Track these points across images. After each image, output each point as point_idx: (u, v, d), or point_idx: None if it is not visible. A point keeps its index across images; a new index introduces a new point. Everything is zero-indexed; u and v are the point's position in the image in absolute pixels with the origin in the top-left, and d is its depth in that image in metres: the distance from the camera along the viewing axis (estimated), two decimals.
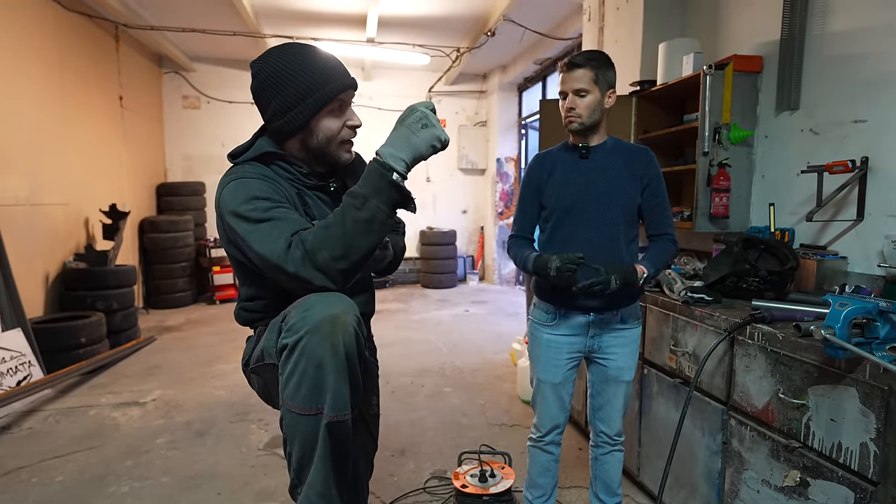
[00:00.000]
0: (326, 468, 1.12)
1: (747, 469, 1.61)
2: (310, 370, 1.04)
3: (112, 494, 2.27)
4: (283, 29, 5.97)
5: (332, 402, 1.06)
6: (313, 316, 1.05)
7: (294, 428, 1.11)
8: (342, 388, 1.06)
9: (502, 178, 7.74)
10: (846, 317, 1.20)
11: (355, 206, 1.11)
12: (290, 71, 1.22)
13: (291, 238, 1.11)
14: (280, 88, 1.23)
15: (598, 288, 1.53)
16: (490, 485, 1.98)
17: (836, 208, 2.04)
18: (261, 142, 1.31)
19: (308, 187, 1.32)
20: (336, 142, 1.31)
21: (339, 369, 1.05)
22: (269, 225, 1.13)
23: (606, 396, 1.79)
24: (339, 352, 1.04)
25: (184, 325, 5.42)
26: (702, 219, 2.40)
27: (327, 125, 1.28)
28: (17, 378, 3.22)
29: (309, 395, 1.06)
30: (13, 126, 3.88)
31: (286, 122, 1.25)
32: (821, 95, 2.12)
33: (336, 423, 1.08)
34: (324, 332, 1.04)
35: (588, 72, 1.63)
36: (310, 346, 1.03)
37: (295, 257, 1.09)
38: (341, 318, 1.06)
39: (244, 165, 1.26)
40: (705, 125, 2.33)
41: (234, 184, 1.20)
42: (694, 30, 2.92)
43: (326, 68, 1.25)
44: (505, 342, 4.66)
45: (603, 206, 1.68)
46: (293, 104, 1.23)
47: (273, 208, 1.16)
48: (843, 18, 2.03)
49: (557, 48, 5.80)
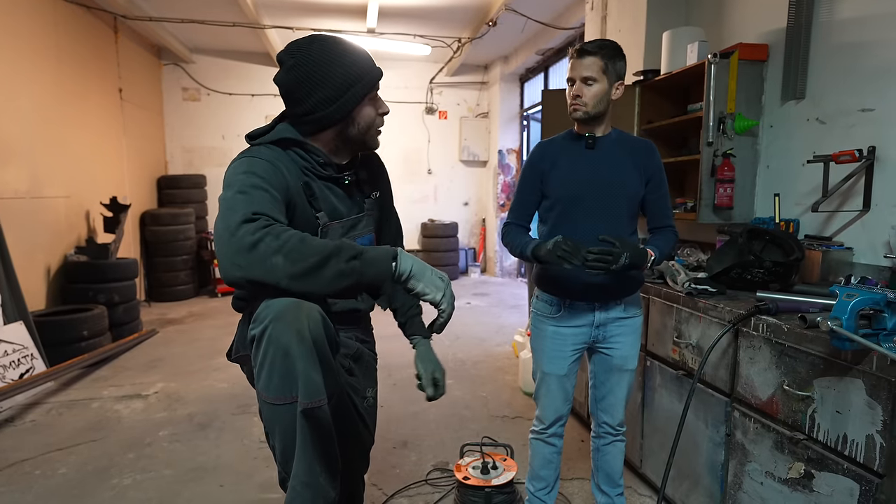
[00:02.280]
0: (309, 457, 1.09)
1: (751, 461, 1.60)
2: (278, 359, 1.02)
3: (115, 487, 2.28)
4: (283, 20, 5.92)
5: (305, 389, 1.04)
6: (276, 304, 1.03)
7: (272, 419, 1.10)
8: (312, 374, 1.04)
9: (504, 169, 7.71)
10: (853, 308, 1.19)
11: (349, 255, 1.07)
12: (330, 63, 1.23)
13: (254, 216, 1.05)
14: (323, 81, 1.22)
15: (609, 258, 1.49)
16: (492, 477, 1.98)
17: (842, 199, 2.01)
18: (281, 127, 1.29)
19: (320, 177, 1.30)
20: (373, 130, 1.33)
21: (306, 355, 1.02)
22: (241, 198, 1.10)
23: (609, 386, 1.79)
24: (305, 337, 1.02)
25: (186, 318, 5.43)
26: (706, 210, 2.38)
27: (368, 113, 1.30)
28: (20, 371, 3.23)
29: (281, 384, 1.04)
30: (13, 119, 3.86)
31: (332, 112, 1.25)
32: (827, 84, 2.09)
33: (312, 410, 1.05)
34: (288, 318, 1.01)
35: (598, 60, 1.60)
36: (275, 335, 1.01)
37: (243, 234, 1.03)
38: (305, 304, 1.04)
39: (260, 147, 1.25)
40: (710, 115, 2.30)
41: (242, 159, 1.20)
42: (698, 18, 2.89)
43: (364, 58, 1.28)
44: (507, 334, 4.66)
45: (608, 198, 1.67)
46: (339, 94, 1.24)
47: (258, 188, 1.12)
48: (850, 6, 2.00)
49: (560, 38, 5.75)
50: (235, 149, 7.31)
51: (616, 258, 1.50)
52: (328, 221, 1.29)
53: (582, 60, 1.62)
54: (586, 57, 1.61)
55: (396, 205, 1.67)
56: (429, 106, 7.91)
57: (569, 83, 1.67)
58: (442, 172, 8.15)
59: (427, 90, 7.86)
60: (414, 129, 7.92)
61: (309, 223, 1.26)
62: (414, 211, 7.93)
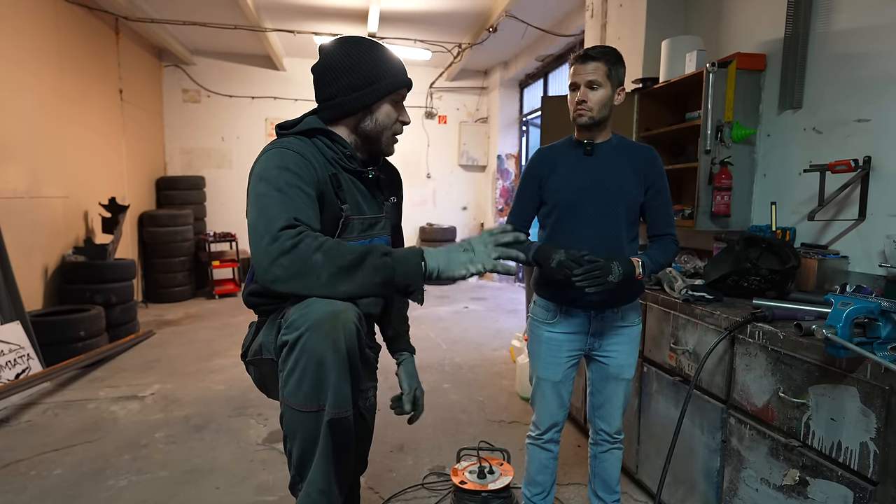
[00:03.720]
0: (328, 465, 1.11)
1: (746, 467, 1.61)
2: (311, 367, 1.03)
3: (110, 488, 2.27)
4: (284, 23, 5.94)
5: (334, 400, 1.05)
6: (314, 312, 1.04)
7: (295, 425, 1.10)
8: (344, 385, 1.05)
9: (503, 174, 7.73)
10: (848, 316, 1.20)
11: (381, 252, 1.10)
12: (364, 55, 1.29)
13: (295, 222, 1.09)
14: (353, 68, 1.28)
15: (598, 273, 1.49)
16: (489, 481, 1.98)
17: (838, 208, 2.03)
18: (309, 119, 1.33)
19: (346, 169, 1.33)
20: (389, 132, 1.37)
21: (340, 366, 1.04)
22: (280, 197, 1.12)
23: (606, 394, 1.79)
24: (340, 349, 1.03)
25: (183, 320, 5.41)
26: (703, 217, 2.40)
27: (387, 112, 1.34)
28: (16, 371, 3.22)
29: (310, 392, 1.05)
30: (12, 119, 3.86)
31: (351, 100, 1.29)
32: (824, 94, 2.11)
33: (338, 420, 1.07)
34: (325, 328, 1.02)
35: (602, 65, 1.61)
36: (311, 344, 1.02)
37: (284, 239, 1.06)
38: (342, 315, 1.04)
39: (290, 138, 1.27)
40: (707, 123, 2.32)
41: (273, 151, 1.21)
42: (697, 27, 2.91)
43: (396, 62, 1.34)
44: (504, 339, 4.66)
45: (606, 204, 1.67)
46: (363, 85, 1.28)
47: (295, 187, 1.15)
48: (847, 17, 2.02)
49: (559, 45, 5.79)
50: (235, 151, 7.33)
51: (606, 272, 1.50)
52: (350, 214, 1.30)
53: (586, 65, 1.63)
54: (590, 62, 1.62)
55: None
56: (428, 110, 7.93)
57: (572, 89, 1.67)
58: (441, 177, 8.16)
59: (427, 95, 7.89)
60: (413, 133, 7.93)
61: (334, 214, 1.28)
62: (412, 215, 7.93)
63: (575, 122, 1.69)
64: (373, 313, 1.41)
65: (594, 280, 1.50)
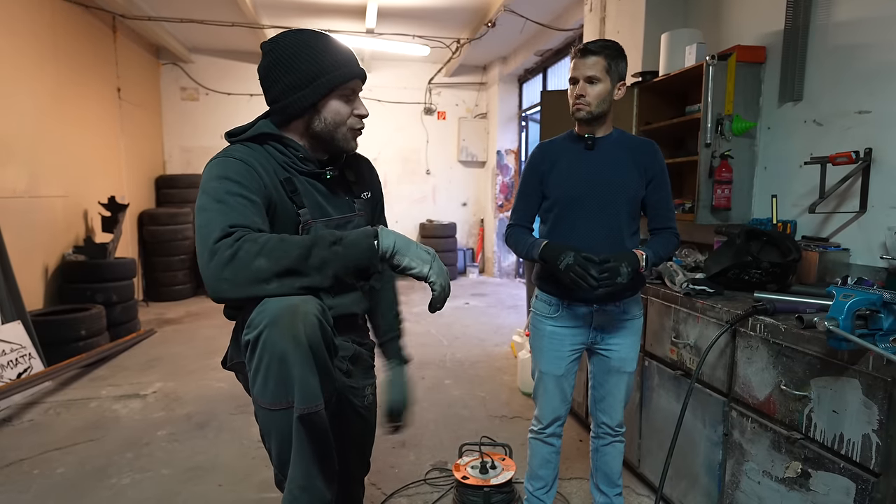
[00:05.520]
0: (305, 461, 1.09)
1: (748, 460, 1.61)
2: (273, 364, 1.01)
3: (113, 486, 2.27)
4: (282, 20, 5.93)
5: (301, 395, 1.02)
6: (271, 308, 1.01)
7: (269, 424, 1.09)
8: (309, 379, 1.02)
9: (502, 170, 7.72)
10: (850, 308, 1.20)
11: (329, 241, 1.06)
12: (303, 51, 1.22)
13: (230, 229, 1.05)
14: (292, 67, 1.21)
15: (607, 276, 1.51)
16: (491, 476, 1.99)
17: (839, 200, 2.03)
18: (261, 124, 1.28)
19: (302, 172, 1.28)
20: (344, 128, 1.30)
21: (303, 360, 1.01)
22: (218, 208, 1.08)
23: (608, 388, 1.79)
24: (301, 342, 1.00)
25: (183, 318, 5.42)
26: (704, 211, 2.39)
27: (336, 108, 1.27)
28: (18, 370, 3.22)
29: (276, 389, 1.02)
30: (10, 118, 3.85)
31: (294, 101, 1.23)
32: (824, 86, 2.10)
33: (308, 415, 1.04)
34: (283, 323, 0.99)
35: (602, 60, 1.61)
36: (271, 340, 1.00)
37: (222, 250, 1.02)
38: (301, 308, 1.01)
39: (236, 145, 1.23)
40: (708, 116, 2.31)
41: (216, 161, 1.18)
42: (696, 20, 2.90)
43: (340, 53, 1.25)
44: (505, 334, 4.67)
45: (607, 198, 1.67)
46: (303, 83, 1.22)
47: (235, 195, 1.11)
48: (847, 8, 2.01)
49: (558, 39, 5.76)
50: None
51: (615, 272, 1.51)
52: (310, 219, 1.25)
53: (585, 60, 1.62)
54: (590, 56, 1.61)
55: (395, 205, 1.67)
56: (427, 106, 7.91)
57: (571, 83, 1.66)
58: (440, 173, 8.15)
59: (426, 91, 7.87)
60: (412, 129, 7.92)
61: (290, 220, 1.23)
62: (412, 211, 7.92)
63: (574, 117, 1.69)
64: (356, 312, 1.38)
65: (604, 282, 1.52)
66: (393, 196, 7.74)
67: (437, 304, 1.15)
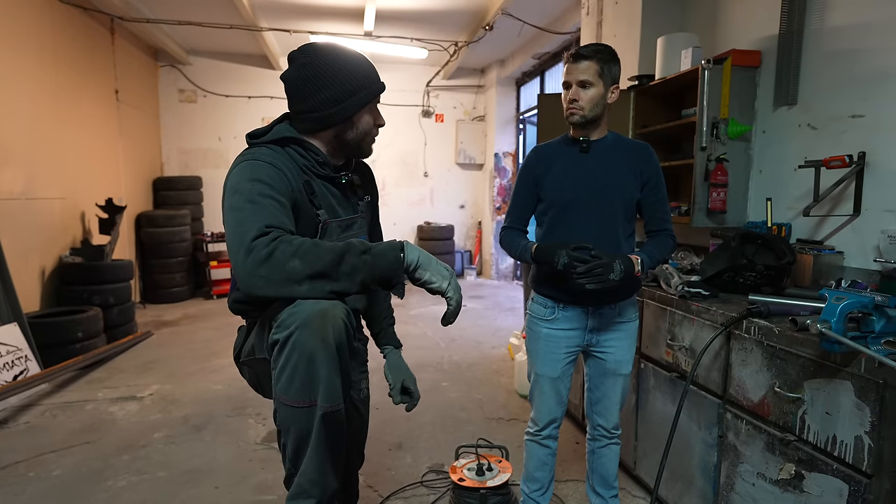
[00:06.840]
0: (321, 458, 1.14)
1: (743, 462, 1.62)
2: (302, 364, 1.06)
3: (109, 489, 2.27)
4: (280, 22, 5.93)
5: (326, 394, 1.08)
6: (303, 311, 1.06)
7: (288, 421, 1.13)
8: (334, 380, 1.08)
9: (500, 173, 7.73)
10: (842, 311, 1.21)
11: (359, 250, 1.10)
12: (343, 66, 1.28)
13: (266, 229, 1.09)
14: (331, 81, 1.27)
15: (600, 271, 1.51)
16: (487, 478, 1.99)
17: (833, 203, 2.04)
18: (280, 127, 1.33)
19: (319, 176, 1.34)
20: (369, 138, 1.39)
21: (330, 361, 1.06)
22: (253, 209, 1.13)
23: (604, 390, 1.80)
24: (329, 344, 1.05)
25: (181, 320, 5.41)
26: (699, 214, 2.40)
27: (367, 120, 1.35)
28: (14, 372, 3.22)
29: (302, 388, 1.07)
30: (8, 120, 3.85)
31: (334, 113, 1.29)
32: (819, 90, 2.12)
33: (330, 414, 1.10)
34: (314, 325, 1.05)
35: (594, 64, 1.62)
36: (301, 341, 1.05)
37: (259, 249, 1.06)
38: (330, 312, 1.07)
39: (261, 148, 1.28)
40: (703, 120, 2.33)
41: (245, 163, 1.22)
42: (692, 24, 2.92)
43: (371, 70, 1.34)
44: (502, 337, 4.68)
45: (602, 201, 1.68)
46: (343, 97, 1.28)
47: (268, 197, 1.16)
48: (841, 13, 2.03)
49: (556, 42, 5.79)
50: (232, 150, 7.31)
51: (609, 267, 1.52)
52: (327, 219, 1.32)
53: (578, 65, 1.63)
54: (582, 61, 1.63)
55: (393, 207, 1.73)
56: (425, 109, 7.93)
57: (564, 87, 1.68)
58: (438, 175, 8.16)
59: (424, 93, 7.88)
60: (410, 132, 7.93)
61: (310, 221, 1.29)
62: (410, 213, 7.93)
63: (568, 121, 1.70)
64: (358, 308, 1.46)
65: (596, 277, 1.51)
66: (391, 198, 7.76)
67: (450, 318, 1.20)
